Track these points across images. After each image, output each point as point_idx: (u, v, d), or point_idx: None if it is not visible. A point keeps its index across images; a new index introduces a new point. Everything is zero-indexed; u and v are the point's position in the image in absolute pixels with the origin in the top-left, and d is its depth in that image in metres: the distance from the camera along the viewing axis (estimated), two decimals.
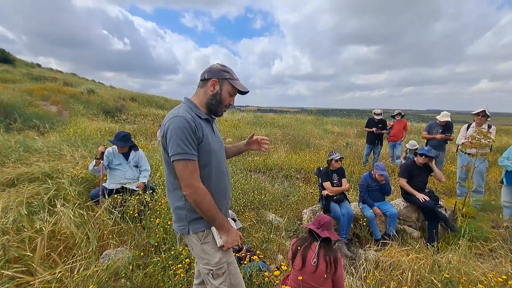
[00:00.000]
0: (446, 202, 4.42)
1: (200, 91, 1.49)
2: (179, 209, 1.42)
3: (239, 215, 3.77)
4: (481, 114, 4.38)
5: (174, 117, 1.32)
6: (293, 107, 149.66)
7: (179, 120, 1.30)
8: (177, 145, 1.28)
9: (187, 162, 1.29)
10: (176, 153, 1.28)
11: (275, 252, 3.23)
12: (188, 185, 1.30)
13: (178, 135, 1.28)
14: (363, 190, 3.98)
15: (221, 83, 1.45)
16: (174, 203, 1.43)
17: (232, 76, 1.47)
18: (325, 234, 2.07)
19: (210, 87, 1.44)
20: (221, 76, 1.44)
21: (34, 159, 3.97)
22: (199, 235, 1.42)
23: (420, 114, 54.14)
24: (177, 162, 1.29)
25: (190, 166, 1.30)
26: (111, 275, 1.92)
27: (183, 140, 1.28)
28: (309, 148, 8.76)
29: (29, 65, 25.31)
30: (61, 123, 9.17)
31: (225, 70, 1.46)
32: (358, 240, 3.93)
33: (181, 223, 1.43)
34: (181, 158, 1.28)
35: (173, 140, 1.28)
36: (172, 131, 1.29)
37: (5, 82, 13.89)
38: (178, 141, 1.28)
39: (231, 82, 1.46)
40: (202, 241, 1.42)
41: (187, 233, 1.43)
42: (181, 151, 1.28)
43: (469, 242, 3.19)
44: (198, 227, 1.42)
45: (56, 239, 2.16)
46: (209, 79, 1.44)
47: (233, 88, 1.48)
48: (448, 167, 6.34)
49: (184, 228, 1.42)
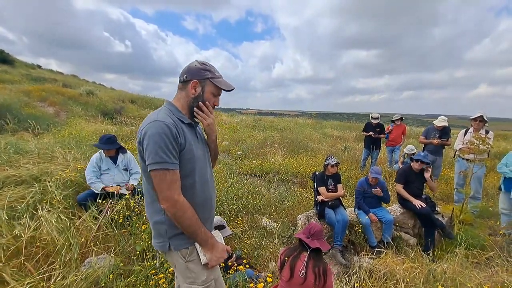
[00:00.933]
0: (443, 209, 4.33)
1: (180, 94, 1.36)
2: (158, 224, 1.28)
3: (231, 220, 3.69)
4: (478, 119, 4.31)
5: (153, 122, 1.18)
6: (293, 111, 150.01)
7: (158, 125, 1.17)
8: (155, 153, 1.15)
9: (165, 172, 1.16)
10: (154, 162, 1.15)
11: (268, 259, 3.14)
12: (167, 197, 1.17)
13: (157, 142, 1.15)
14: (359, 196, 3.91)
15: (203, 84, 1.32)
16: (153, 217, 1.30)
17: (214, 75, 1.34)
18: (315, 244, 1.99)
19: (191, 89, 1.32)
20: (202, 76, 1.31)
21: (24, 161, 3.90)
22: (182, 252, 1.29)
23: (419, 119, 54.30)
24: (155, 172, 1.16)
25: (169, 176, 1.17)
26: (90, 285, 1.84)
27: (162, 147, 1.15)
28: (306, 152, 8.68)
29: (28, 66, 25.33)
30: (57, 124, 9.10)
31: (205, 68, 1.33)
32: (353, 247, 3.85)
33: (161, 239, 1.29)
34: (159, 168, 1.15)
35: (150, 147, 1.15)
36: (149, 138, 1.16)
37: (3, 82, 13.87)
38: (157, 149, 1.15)
39: (213, 81, 1.33)
40: (186, 259, 1.29)
41: (168, 249, 1.29)
42: (160, 160, 1.15)
43: (466, 250, 3.11)
44: (180, 243, 1.29)
45: (35, 246, 2.08)
46: (189, 81, 1.31)
47: (216, 87, 1.35)
48: (446, 173, 6.27)
49: (164, 245, 1.29)
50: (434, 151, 5.33)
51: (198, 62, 1.35)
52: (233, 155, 8.39)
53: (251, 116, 19.14)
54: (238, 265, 2.28)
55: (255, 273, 2.14)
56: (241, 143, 9.96)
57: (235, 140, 10.30)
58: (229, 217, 3.74)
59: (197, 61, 1.35)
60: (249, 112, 39.28)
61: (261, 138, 10.67)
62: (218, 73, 1.37)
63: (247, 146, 9.34)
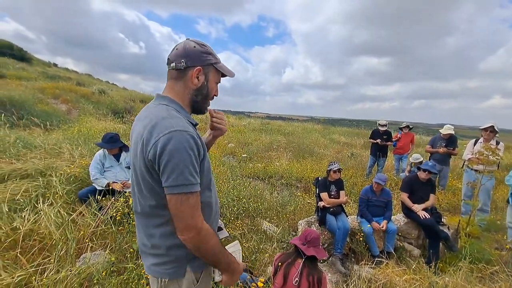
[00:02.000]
0: (449, 220, 4.21)
1: (176, 85, 1.08)
2: (174, 249, 1.05)
3: (230, 223, 3.67)
4: (489, 129, 4.20)
5: (173, 132, 0.92)
6: (302, 116, 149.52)
7: (181, 137, 0.92)
8: (180, 173, 0.91)
9: (188, 195, 0.93)
10: (176, 185, 0.91)
11: (265, 263, 3.11)
12: (189, 227, 0.95)
13: (183, 160, 0.91)
14: (363, 204, 3.83)
15: (206, 71, 1.08)
16: (168, 241, 1.05)
17: (216, 59, 1.11)
18: (310, 252, 1.94)
19: (193, 79, 1.06)
20: (205, 61, 1.06)
21: (32, 156, 3.99)
22: (197, 275, 1.10)
23: (430, 128, 53.22)
24: (176, 196, 0.93)
25: (192, 200, 0.94)
26: (83, 280, 1.85)
27: (188, 166, 0.92)
28: (312, 157, 8.61)
29: (45, 64, 26.10)
30: (68, 121, 9.32)
31: (207, 51, 1.08)
32: (354, 256, 3.77)
33: (175, 264, 1.07)
34: (185, 192, 0.92)
35: (173, 165, 0.90)
36: (172, 154, 0.90)
37: (20, 79, 14.29)
38: (183, 168, 0.91)
39: (217, 67, 1.10)
40: (199, 282, 1.11)
41: (182, 276, 1.07)
42: (185, 182, 0.92)
43: (471, 264, 3.01)
44: (200, 264, 1.10)
45: (32, 239, 2.11)
46: (190, 68, 1.05)
47: (219, 74, 1.13)
48: (453, 183, 6.10)
49: (178, 270, 1.07)
50: (441, 161, 5.21)
51: (197, 43, 1.08)
52: (238, 157, 8.40)
53: (259, 120, 19.17)
54: None
55: (249, 277, 2.11)
56: (247, 146, 9.96)
57: (241, 143, 10.31)
58: (228, 220, 3.72)
59: (194, 42, 1.08)
60: (258, 115, 39.34)
61: (267, 141, 10.65)
62: (218, 56, 1.14)
63: (252, 149, 9.34)
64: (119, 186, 3.15)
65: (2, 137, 4.38)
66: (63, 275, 1.74)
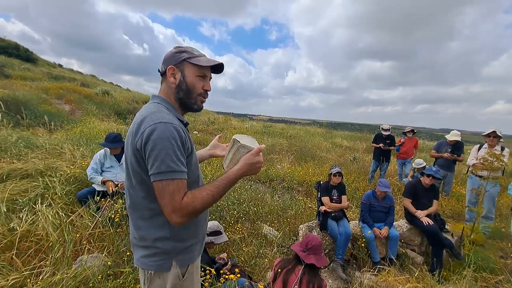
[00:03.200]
0: (453, 227, 4.14)
1: (164, 87, 1.18)
2: (161, 240, 1.10)
3: (230, 227, 3.63)
4: (492, 135, 4.14)
5: (158, 123, 0.99)
6: (305, 119, 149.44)
7: (165, 127, 0.99)
8: (161, 161, 0.96)
9: (169, 182, 0.98)
10: (158, 172, 0.97)
11: (265, 269, 3.06)
12: (174, 210, 0.98)
13: (164, 148, 0.97)
14: (364, 209, 3.77)
15: (181, 68, 1.13)
16: (154, 234, 1.09)
17: (191, 54, 1.14)
18: (310, 260, 1.89)
19: (169, 77, 1.14)
20: (177, 59, 1.13)
21: (33, 156, 3.98)
22: (183, 270, 1.13)
23: (433, 133, 52.91)
24: (158, 183, 0.98)
25: (173, 186, 0.98)
26: (79, 284, 1.82)
27: (170, 154, 0.98)
28: (314, 161, 8.56)
29: (50, 64, 26.30)
30: (71, 121, 9.35)
31: (180, 50, 1.15)
32: (355, 262, 3.71)
33: (162, 256, 1.10)
34: (164, 178, 0.97)
35: (155, 153, 0.97)
36: (155, 142, 0.97)
37: (25, 79, 14.41)
38: (164, 156, 0.96)
39: (191, 61, 1.13)
40: (184, 277, 1.14)
41: (168, 269, 1.11)
42: (166, 169, 0.97)
43: (475, 273, 2.94)
44: (185, 259, 1.14)
45: (28, 241, 2.09)
46: (167, 69, 1.14)
47: (198, 67, 1.14)
48: (457, 190, 6.01)
49: (165, 263, 1.10)
50: (445, 166, 5.14)
51: (173, 48, 1.18)
52: None
53: (261, 122, 19.15)
54: (232, 273, 2.21)
55: (247, 283, 2.07)
56: None
57: None
58: (228, 223, 3.68)
59: (175, 47, 1.18)
60: (260, 118, 39.33)
61: (269, 144, 10.61)
62: (197, 52, 1.18)
63: None
64: (112, 185, 3.10)
65: (4, 137, 4.38)
66: (58, 278, 1.71)
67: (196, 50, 1.18)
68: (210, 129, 13.98)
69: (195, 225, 1.19)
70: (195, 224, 1.19)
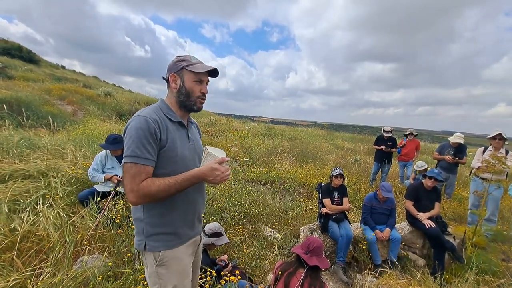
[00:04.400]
0: (455, 229, 4.10)
1: (168, 92, 1.39)
2: (137, 221, 1.29)
3: (230, 228, 3.62)
4: (497, 137, 4.10)
5: (135, 117, 1.21)
6: (306, 121, 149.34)
7: (138, 120, 1.19)
8: (128, 147, 1.16)
9: (132, 165, 1.15)
10: (126, 155, 1.16)
11: (266, 270, 3.05)
12: (128, 191, 1.15)
13: (132, 136, 1.16)
14: (366, 211, 3.76)
15: (180, 74, 1.32)
16: (134, 213, 1.30)
17: (189, 62, 1.32)
18: (313, 262, 1.88)
19: (172, 83, 1.34)
20: (177, 67, 1.32)
21: (35, 156, 4.00)
22: (155, 255, 1.27)
23: (435, 135, 52.68)
24: (124, 165, 1.17)
25: (134, 169, 1.15)
26: (79, 285, 1.82)
27: (136, 141, 1.16)
28: (315, 162, 8.54)
29: (53, 66, 26.44)
30: (73, 122, 9.38)
31: (179, 59, 1.33)
32: (356, 264, 3.69)
33: (139, 237, 1.29)
34: (128, 161, 1.15)
35: (127, 141, 1.17)
36: (128, 132, 1.19)
37: (27, 80, 14.48)
38: (131, 143, 1.16)
39: (188, 68, 1.30)
40: (157, 263, 1.27)
41: (144, 249, 1.28)
42: (131, 154, 1.15)
43: (477, 276, 2.92)
44: (155, 245, 1.27)
45: (28, 241, 2.09)
46: (169, 76, 1.34)
47: (195, 74, 1.32)
48: (460, 192, 5.98)
49: (141, 244, 1.28)
50: (447, 169, 5.11)
51: (176, 57, 1.36)
52: (241, 161, 8.36)
53: (263, 124, 19.14)
54: (232, 275, 2.20)
55: (247, 285, 2.06)
56: (250, 150, 9.93)
57: (244, 147, 10.28)
58: (229, 225, 3.67)
59: (176, 57, 1.36)
60: (261, 120, 39.31)
61: (270, 146, 10.60)
62: (195, 59, 1.35)
63: (255, 153, 9.29)
64: (115, 178, 3.11)
65: (7, 137, 4.40)
66: (58, 279, 1.71)
67: (194, 58, 1.36)
68: (211, 130, 14.01)
69: (170, 215, 1.30)
70: (170, 214, 1.30)
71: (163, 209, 1.28)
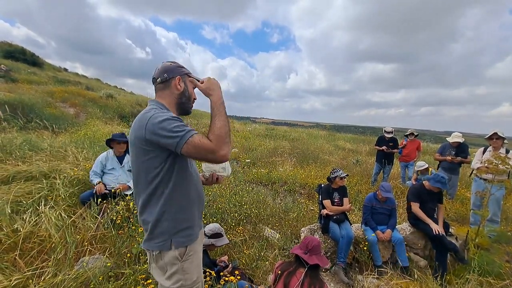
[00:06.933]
0: (457, 230, 4.08)
1: (163, 92, 1.38)
2: (161, 222, 1.26)
3: (231, 229, 3.63)
4: (494, 137, 4.09)
5: (155, 115, 1.18)
6: (307, 122, 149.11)
7: (160, 113, 1.19)
8: (175, 131, 1.13)
9: (192, 139, 1.12)
10: (182, 136, 1.12)
11: (266, 271, 3.05)
12: (212, 151, 1.12)
13: (170, 123, 1.14)
14: (367, 212, 3.75)
15: (184, 79, 1.40)
16: (154, 216, 1.25)
17: (188, 71, 1.43)
18: (313, 261, 1.89)
19: (176, 85, 1.37)
20: (181, 72, 1.39)
21: (37, 158, 4.03)
22: (181, 251, 1.28)
23: (437, 135, 52.35)
24: (186, 145, 1.11)
25: (196, 138, 1.13)
26: (80, 285, 1.83)
27: (177, 123, 1.15)
28: (316, 163, 8.53)
29: (56, 68, 26.63)
30: (76, 124, 9.44)
31: (180, 66, 1.42)
32: (357, 265, 3.68)
33: (162, 237, 1.26)
34: (189, 137, 1.12)
35: (166, 132, 1.13)
36: (160, 126, 1.14)
37: (31, 83, 14.60)
38: (175, 127, 1.13)
39: (191, 76, 1.42)
40: (183, 259, 1.28)
41: (169, 248, 1.26)
42: (183, 130, 1.14)
43: (480, 277, 2.90)
44: (182, 241, 1.28)
45: (31, 242, 2.11)
46: (171, 79, 1.37)
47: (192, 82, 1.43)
48: (462, 192, 5.95)
49: (165, 244, 1.26)
50: (449, 169, 5.09)
51: (171, 62, 1.42)
52: (242, 162, 8.37)
53: (264, 125, 19.17)
54: (232, 275, 2.21)
55: (247, 286, 2.06)
56: (251, 151, 9.94)
57: (246, 148, 10.29)
58: (229, 226, 3.68)
59: (168, 62, 1.42)
60: (263, 121, 39.36)
61: (271, 147, 10.61)
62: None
63: (256, 154, 9.30)
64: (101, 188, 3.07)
65: (10, 139, 4.44)
66: (60, 279, 1.73)
67: None
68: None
69: (190, 208, 1.34)
70: (190, 207, 1.33)
71: (183, 202, 1.30)
